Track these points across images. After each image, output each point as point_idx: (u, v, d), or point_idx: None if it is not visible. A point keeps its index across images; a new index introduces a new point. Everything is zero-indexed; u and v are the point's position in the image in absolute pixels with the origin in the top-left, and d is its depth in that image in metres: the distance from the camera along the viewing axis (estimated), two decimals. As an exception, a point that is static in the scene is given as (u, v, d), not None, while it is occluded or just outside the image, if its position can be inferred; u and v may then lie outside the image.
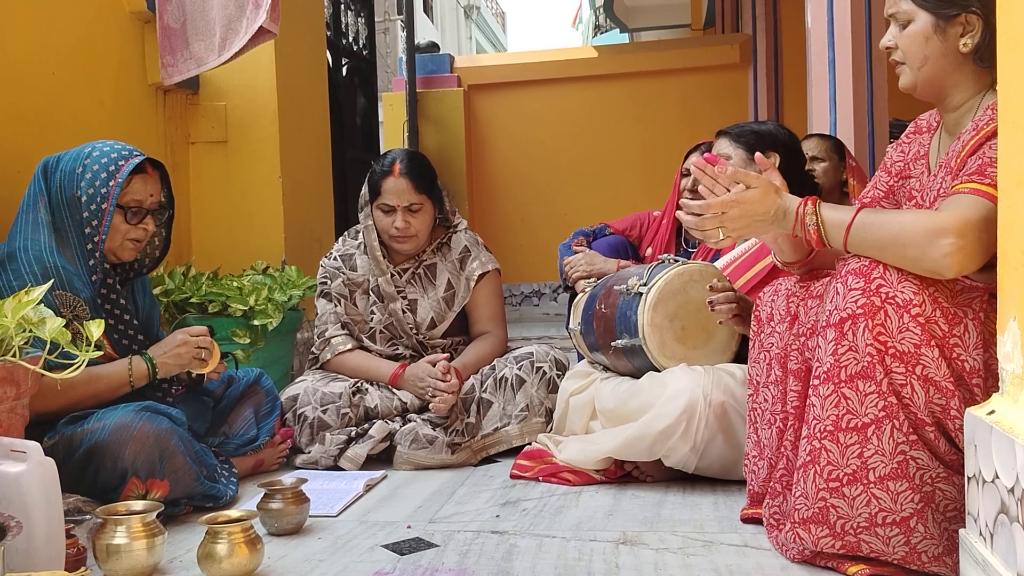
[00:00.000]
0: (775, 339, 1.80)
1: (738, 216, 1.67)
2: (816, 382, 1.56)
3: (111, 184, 2.09)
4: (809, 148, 3.57)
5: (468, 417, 2.59)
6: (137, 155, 2.15)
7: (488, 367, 2.68)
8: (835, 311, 1.53)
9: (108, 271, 2.17)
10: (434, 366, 2.59)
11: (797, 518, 1.58)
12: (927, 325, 1.48)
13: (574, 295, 2.84)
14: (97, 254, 2.10)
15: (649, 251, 3.00)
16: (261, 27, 2.97)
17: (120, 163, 2.12)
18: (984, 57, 1.61)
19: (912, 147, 1.83)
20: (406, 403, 2.61)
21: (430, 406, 2.54)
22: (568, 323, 2.84)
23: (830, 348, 1.53)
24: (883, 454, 1.49)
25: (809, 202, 1.64)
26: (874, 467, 1.50)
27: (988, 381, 1.48)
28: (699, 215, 1.69)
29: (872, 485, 1.50)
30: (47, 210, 2.09)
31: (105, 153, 2.13)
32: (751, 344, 1.90)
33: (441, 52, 6.94)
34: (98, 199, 2.09)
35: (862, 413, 1.50)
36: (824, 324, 1.56)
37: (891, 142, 4.58)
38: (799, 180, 2.42)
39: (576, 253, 2.94)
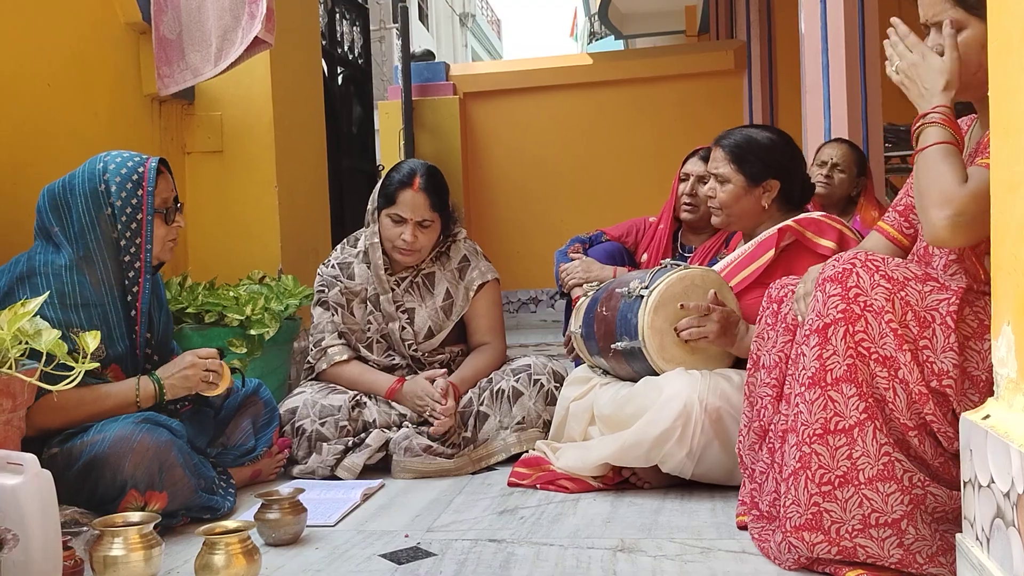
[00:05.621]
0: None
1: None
2: (801, 388, 1.58)
3: (139, 193, 2.08)
4: (832, 153, 3.56)
5: (465, 431, 2.58)
6: (147, 157, 2.15)
7: (485, 379, 2.67)
8: (816, 318, 1.57)
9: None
10: (432, 383, 2.57)
11: (789, 526, 1.58)
12: (899, 330, 1.51)
13: (571, 302, 2.84)
14: (137, 264, 2.09)
15: (645, 257, 3.01)
16: (256, 37, 2.98)
17: (140, 170, 2.10)
18: None
19: None
20: (405, 416, 2.60)
21: (430, 430, 2.53)
22: (565, 329, 2.84)
23: (814, 353, 1.55)
24: (869, 456, 1.51)
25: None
26: (863, 468, 1.52)
27: (964, 383, 1.50)
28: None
29: (863, 486, 1.51)
30: (68, 241, 2.04)
31: (121, 163, 2.10)
32: (759, 319, 1.90)
33: (437, 60, 6.96)
34: (129, 211, 2.07)
35: (847, 415, 1.53)
36: (807, 331, 1.59)
37: (886, 146, 4.57)
38: (798, 204, 2.42)
39: (572, 260, 2.95)
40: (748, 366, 1.93)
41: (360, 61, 5.56)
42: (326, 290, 2.76)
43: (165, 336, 2.31)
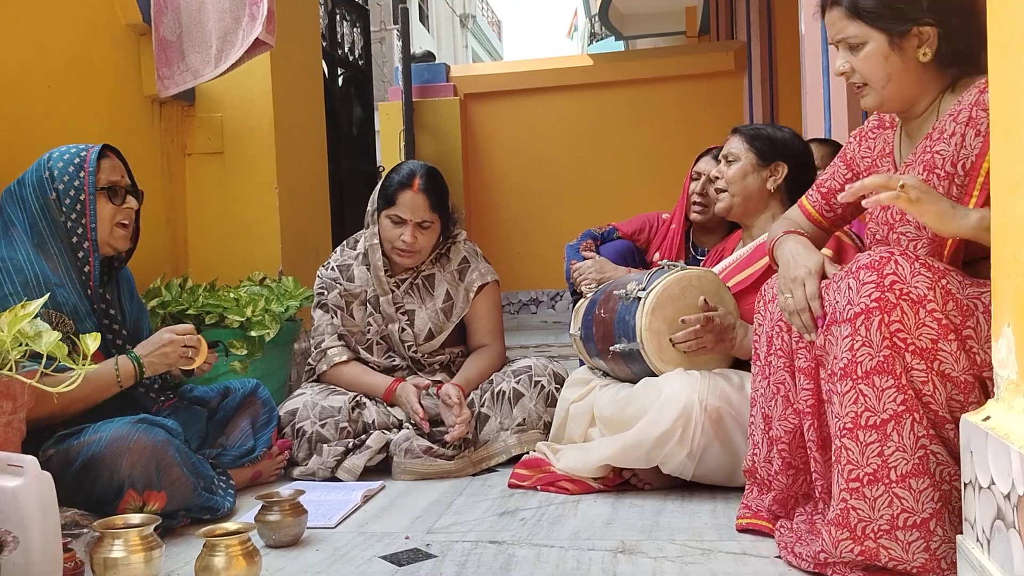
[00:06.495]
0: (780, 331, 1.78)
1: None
2: (834, 378, 1.54)
3: (82, 175, 2.12)
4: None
5: (466, 433, 2.58)
6: (95, 145, 2.19)
7: (486, 381, 2.67)
8: (848, 306, 1.52)
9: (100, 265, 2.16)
10: (422, 391, 2.57)
11: (827, 519, 1.56)
12: (943, 320, 1.47)
13: (580, 299, 2.82)
14: (86, 244, 2.11)
15: (657, 256, 2.98)
16: (257, 39, 2.98)
17: (83, 154, 2.15)
18: (945, 62, 1.63)
19: (877, 143, 1.83)
20: (402, 419, 2.60)
21: (446, 437, 2.50)
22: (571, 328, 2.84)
23: (845, 344, 1.51)
24: (904, 450, 1.46)
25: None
26: (895, 465, 1.47)
27: None
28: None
29: (894, 484, 1.46)
30: (23, 232, 2.09)
31: (65, 151, 2.16)
32: (756, 324, 1.88)
33: (437, 61, 6.96)
34: (72, 192, 2.11)
35: (881, 409, 1.48)
36: (839, 320, 1.55)
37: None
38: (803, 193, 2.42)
39: (584, 256, 2.92)
40: (753, 372, 1.89)
41: (360, 62, 5.56)
42: (326, 292, 2.77)
43: (137, 326, 2.33)
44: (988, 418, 1.27)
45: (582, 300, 2.70)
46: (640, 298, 2.27)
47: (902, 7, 1.62)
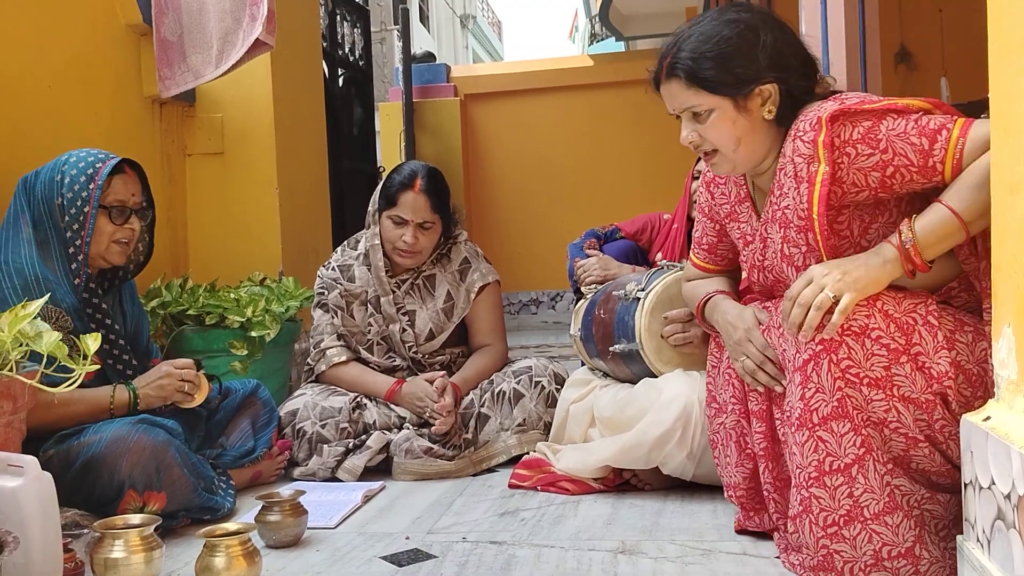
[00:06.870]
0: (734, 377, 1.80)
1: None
2: (791, 429, 1.53)
3: (91, 187, 2.11)
4: None
5: (466, 433, 2.58)
6: (114, 157, 2.17)
7: (487, 381, 2.67)
8: (796, 354, 1.52)
9: (91, 277, 2.16)
10: (432, 384, 2.57)
11: (806, 565, 1.56)
12: (891, 344, 1.46)
13: (582, 298, 2.82)
14: (80, 257, 2.10)
15: (659, 256, 2.98)
16: (257, 39, 2.98)
17: (98, 166, 2.13)
18: (787, 117, 1.64)
19: (729, 187, 1.84)
20: (405, 418, 2.60)
21: (432, 430, 2.52)
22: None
23: (797, 392, 1.50)
24: (872, 491, 1.47)
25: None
26: (867, 504, 1.47)
27: (958, 379, 1.47)
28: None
29: (870, 522, 1.47)
30: (29, 225, 2.09)
31: (82, 158, 2.14)
32: (710, 367, 1.89)
33: (437, 62, 6.96)
34: (78, 203, 2.10)
35: (842, 454, 1.47)
36: (789, 369, 1.55)
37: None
38: None
39: (587, 254, 2.91)
40: (710, 415, 1.91)
41: (361, 63, 5.56)
42: (326, 292, 2.77)
43: (137, 330, 2.33)
44: (988, 418, 1.27)
45: (582, 300, 2.70)
46: (639, 299, 2.27)
47: (741, 71, 1.61)
